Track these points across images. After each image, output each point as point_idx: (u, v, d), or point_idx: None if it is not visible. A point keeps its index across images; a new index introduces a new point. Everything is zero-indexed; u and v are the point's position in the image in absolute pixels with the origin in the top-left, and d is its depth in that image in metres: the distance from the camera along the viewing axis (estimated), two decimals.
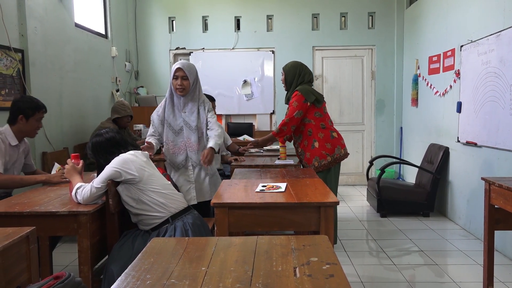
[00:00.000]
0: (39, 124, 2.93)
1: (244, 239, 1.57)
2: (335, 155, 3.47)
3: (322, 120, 3.51)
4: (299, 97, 3.44)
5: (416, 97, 5.65)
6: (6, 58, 3.50)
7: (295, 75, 3.57)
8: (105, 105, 5.34)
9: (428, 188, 4.65)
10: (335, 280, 1.20)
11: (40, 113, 2.91)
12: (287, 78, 3.61)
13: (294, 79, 3.57)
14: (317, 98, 3.47)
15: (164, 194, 2.35)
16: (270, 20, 6.40)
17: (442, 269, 3.24)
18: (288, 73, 3.60)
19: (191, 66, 3.07)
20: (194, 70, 3.08)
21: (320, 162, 3.46)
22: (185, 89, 3.01)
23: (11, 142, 2.80)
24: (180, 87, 3.00)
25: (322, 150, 3.45)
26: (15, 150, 2.85)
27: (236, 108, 6.43)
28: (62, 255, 3.48)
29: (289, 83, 3.61)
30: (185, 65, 3.02)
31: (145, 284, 1.20)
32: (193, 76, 3.04)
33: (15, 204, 2.26)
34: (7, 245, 1.50)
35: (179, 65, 3.01)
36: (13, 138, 2.81)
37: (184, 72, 2.99)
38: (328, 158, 3.46)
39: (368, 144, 6.52)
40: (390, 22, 6.29)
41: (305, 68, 3.62)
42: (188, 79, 3.01)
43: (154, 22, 6.41)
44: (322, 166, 3.46)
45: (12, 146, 2.81)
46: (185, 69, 2.99)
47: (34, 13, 3.82)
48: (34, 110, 2.85)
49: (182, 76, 3.00)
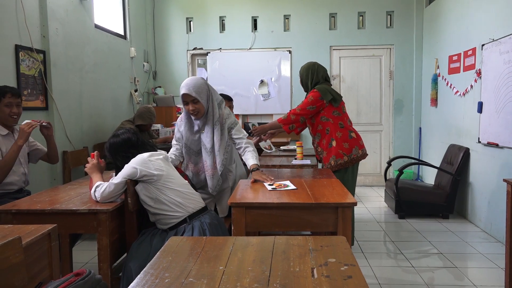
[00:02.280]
0: (11, 109, 2.82)
1: (261, 239, 1.57)
2: (352, 155, 3.44)
3: (341, 119, 3.48)
4: (315, 93, 3.43)
5: (436, 97, 5.56)
6: (28, 59, 3.58)
7: (309, 76, 3.57)
8: (124, 105, 5.41)
9: (447, 190, 4.58)
10: (353, 282, 1.19)
11: (6, 97, 2.79)
12: (303, 80, 3.63)
13: (308, 80, 3.58)
14: (334, 97, 3.44)
15: (182, 194, 2.37)
16: (287, 20, 6.39)
17: (462, 272, 3.18)
18: (302, 75, 3.63)
19: (199, 85, 2.64)
20: (204, 87, 2.66)
21: (337, 161, 3.43)
22: (199, 112, 2.67)
23: (1, 132, 2.82)
24: (193, 112, 2.67)
25: (339, 149, 3.42)
26: (9, 139, 2.86)
27: (253, 108, 6.44)
28: (82, 253, 3.54)
29: (305, 84, 3.62)
30: (191, 86, 2.61)
31: (164, 282, 1.21)
32: (204, 95, 2.65)
33: (37, 202, 2.31)
34: (29, 242, 1.53)
35: (184, 90, 2.60)
36: (1, 128, 2.83)
37: (192, 96, 2.60)
38: (344, 157, 3.43)
39: (386, 144, 6.45)
40: (409, 21, 6.21)
41: (318, 66, 3.61)
42: (199, 101, 2.63)
43: (172, 22, 6.46)
44: (338, 166, 3.43)
45: (4, 136, 2.83)
46: (192, 92, 2.59)
47: (55, 14, 3.90)
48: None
49: (192, 100, 2.63)
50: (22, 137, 2.76)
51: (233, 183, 2.95)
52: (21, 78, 3.49)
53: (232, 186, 2.94)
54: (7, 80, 3.35)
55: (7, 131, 2.85)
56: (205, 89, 2.66)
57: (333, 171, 3.35)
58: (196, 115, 2.69)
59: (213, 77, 6.40)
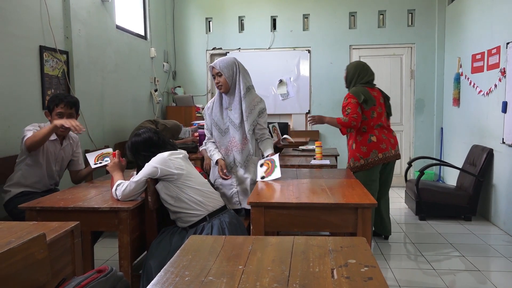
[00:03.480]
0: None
1: (280, 239, 1.57)
2: (369, 159, 3.57)
3: (366, 123, 3.61)
4: (351, 97, 3.58)
5: (458, 97, 5.45)
6: (52, 60, 3.66)
7: (354, 75, 3.72)
8: (144, 105, 5.48)
9: (470, 191, 4.48)
10: (374, 283, 1.18)
11: (59, 107, 2.79)
12: (348, 76, 3.77)
13: (353, 78, 3.73)
14: (366, 99, 3.56)
15: (202, 192, 2.39)
16: (306, 19, 6.36)
17: (485, 275, 3.11)
18: (349, 71, 3.77)
19: (225, 61, 2.90)
20: (230, 63, 2.89)
21: (354, 164, 3.61)
22: (223, 85, 2.88)
23: (50, 136, 2.84)
24: (217, 85, 2.90)
25: (357, 152, 3.61)
26: (56, 144, 2.90)
27: (271, 108, 6.42)
28: (103, 250, 3.60)
29: (348, 81, 3.77)
30: (219, 61, 2.90)
31: (184, 281, 1.22)
32: (228, 70, 2.87)
33: (60, 199, 2.36)
34: (53, 238, 1.56)
35: (212, 64, 2.92)
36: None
37: (216, 69, 2.87)
38: (361, 161, 3.58)
39: (406, 145, 6.36)
40: (431, 19, 6.10)
41: (367, 69, 3.76)
42: (222, 74, 2.86)
43: (191, 23, 6.51)
44: (355, 168, 3.60)
45: (52, 141, 2.87)
46: (217, 65, 2.87)
47: (78, 16, 3.97)
48: (52, 105, 2.81)
49: (216, 73, 2.89)
50: (61, 121, 2.68)
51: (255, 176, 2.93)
52: (45, 78, 3.57)
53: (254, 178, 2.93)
54: (32, 80, 3.43)
55: (56, 137, 2.87)
56: (231, 66, 2.88)
57: (353, 172, 3.50)
58: (220, 88, 2.90)
59: None
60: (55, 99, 2.83)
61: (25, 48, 3.37)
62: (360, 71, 3.71)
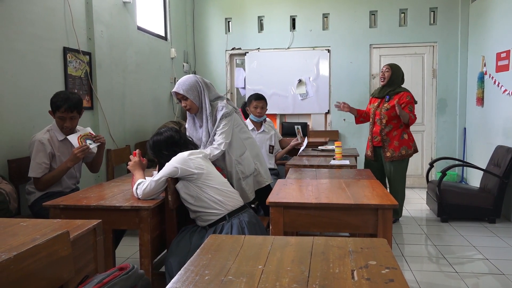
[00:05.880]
0: (64, 123, 2.82)
1: (300, 239, 1.56)
2: (414, 150, 4.25)
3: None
4: (412, 97, 4.14)
5: (482, 96, 5.33)
6: (75, 61, 3.73)
7: (400, 76, 4.20)
8: (164, 105, 5.53)
9: (494, 193, 4.38)
10: (395, 285, 1.16)
11: (60, 111, 2.77)
12: (393, 75, 4.16)
13: (399, 79, 4.19)
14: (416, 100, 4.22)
15: (222, 192, 2.40)
16: (326, 18, 6.32)
17: (510, 279, 3.03)
18: (395, 71, 4.19)
19: (187, 83, 2.81)
20: (193, 84, 2.81)
21: (407, 151, 4.18)
22: (191, 108, 2.85)
23: (58, 137, 2.87)
24: (185, 108, 2.87)
25: (410, 142, 4.21)
26: (66, 144, 2.89)
27: (290, 108, 6.42)
28: (123, 248, 3.65)
29: (392, 80, 4.16)
30: (180, 85, 2.81)
31: (204, 280, 1.22)
32: (192, 92, 2.80)
33: (82, 198, 2.40)
34: (76, 236, 1.59)
35: (174, 89, 2.84)
36: (59, 132, 2.88)
37: (180, 94, 2.80)
38: (409, 151, 4.21)
39: (428, 145, 6.25)
40: (454, 18, 5.98)
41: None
42: (187, 98, 2.80)
43: (211, 23, 6.54)
44: (407, 155, 4.19)
45: (60, 141, 2.88)
46: (180, 89, 2.79)
47: (100, 17, 4.04)
48: (53, 107, 2.81)
49: (181, 98, 2.84)
50: (72, 160, 2.79)
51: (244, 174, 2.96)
52: (69, 79, 3.64)
53: (238, 178, 2.93)
54: (56, 81, 3.51)
55: (64, 136, 2.89)
56: (194, 86, 2.82)
57: (397, 160, 4.16)
58: (189, 110, 2.90)
59: (251, 77, 6.43)
60: (55, 102, 2.79)
61: (50, 49, 3.44)
62: (403, 74, 4.23)
